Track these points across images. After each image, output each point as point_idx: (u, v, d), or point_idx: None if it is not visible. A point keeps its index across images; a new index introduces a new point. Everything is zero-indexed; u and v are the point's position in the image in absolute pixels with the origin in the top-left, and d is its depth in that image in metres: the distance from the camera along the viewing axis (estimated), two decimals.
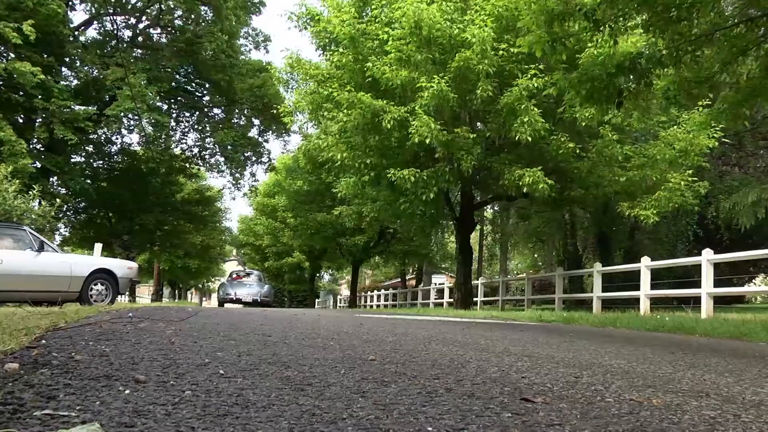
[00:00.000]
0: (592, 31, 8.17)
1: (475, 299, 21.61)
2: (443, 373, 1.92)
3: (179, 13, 29.28)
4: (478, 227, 28.39)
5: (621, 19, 7.78)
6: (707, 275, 11.11)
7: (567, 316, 10.64)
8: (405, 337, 3.13)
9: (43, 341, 2.18)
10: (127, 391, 1.41)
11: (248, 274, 28.09)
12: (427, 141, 13.34)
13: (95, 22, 30.01)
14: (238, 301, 24.16)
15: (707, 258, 11.23)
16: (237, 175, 34.35)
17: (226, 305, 22.84)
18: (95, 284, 12.07)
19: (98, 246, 16.08)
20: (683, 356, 2.91)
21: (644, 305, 12.81)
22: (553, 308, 16.98)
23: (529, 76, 13.03)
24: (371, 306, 35.71)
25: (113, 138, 32.28)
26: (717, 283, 11.86)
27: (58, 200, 21.23)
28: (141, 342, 2.22)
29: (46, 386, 1.42)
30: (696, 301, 12.37)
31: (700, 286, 11.35)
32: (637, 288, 13.33)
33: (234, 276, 27.87)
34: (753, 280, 25.28)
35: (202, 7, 29.25)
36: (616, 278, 18.77)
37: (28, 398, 1.33)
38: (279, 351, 2.22)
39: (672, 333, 6.18)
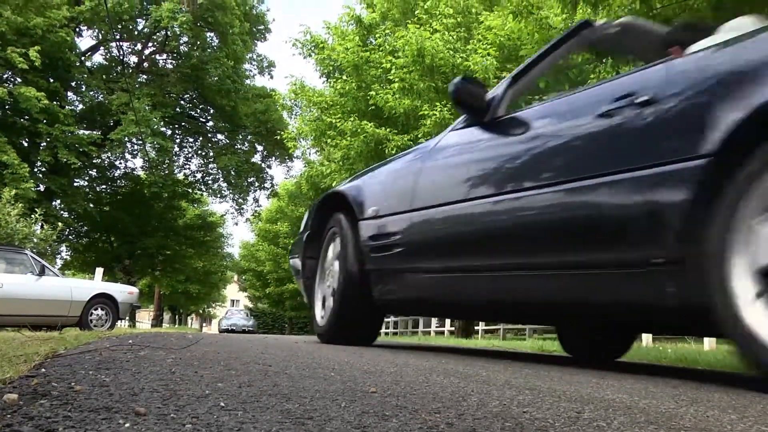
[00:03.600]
0: (595, 63, 8.24)
1: (476, 327, 21.50)
2: (444, 407, 1.90)
3: (185, 39, 29.54)
4: None
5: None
6: None
7: None
8: (406, 368, 3.11)
9: (43, 369, 2.17)
10: (127, 425, 1.40)
11: (239, 311, 45.26)
12: None
13: (102, 47, 30.31)
14: (232, 330, 35.33)
15: None
16: (240, 200, 34.46)
17: (224, 334, 28.45)
18: (95, 309, 12.05)
19: (99, 270, 16.08)
20: (686, 390, 2.87)
21: (646, 336, 12.74)
22: (555, 338, 16.89)
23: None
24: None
25: (117, 162, 32.44)
26: None
27: (60, 224, 21.28)
28: (141, 371, 2.21)
29: (45, 418, 1.40)
30: None
31: None
32: None
33: (229, 313, 44.13)
34: None
35: (208, 33, 29.52)
36: None
37: (27, 431, 1.32)
38: (280, 382, 2.20)
39: (674, 365, 6.15)
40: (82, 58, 28.85)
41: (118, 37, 29.09)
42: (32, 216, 17.60)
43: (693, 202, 2.47)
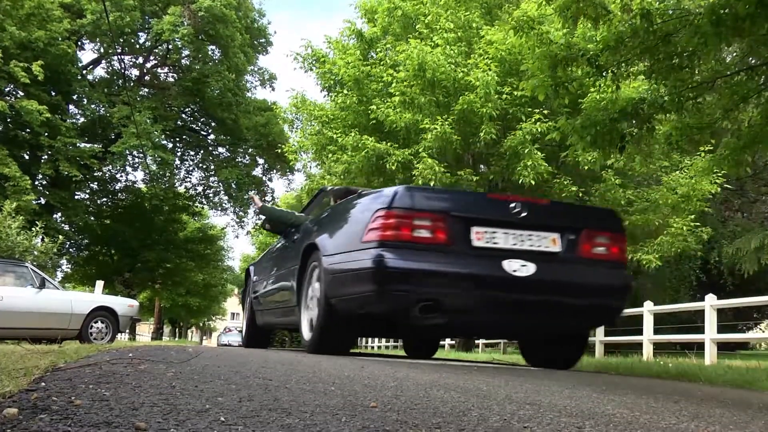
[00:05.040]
0: (595, 77, 8.25)
1: (476, 342, 21.42)
2: (444, 422, 1.90)
3: (186, 52, 29.61)
4: None
5: (623, 65, 7.86)
6: (711, 321, 11.03)
7: None
8: (406, 382, 3.10)
9: (42, 383, 2.16)
10: None
11: (236, 329, 47.80)
12: (431, 184, 13.38)
13: (103, 61, 30.40)
14: (229, 345, 37.73)
15: (710, 303, 11.17)
16: (240, 213, 34.40)
17: (223, 347, 29.42)
18: (95, 322, 12.01)
19: (100, 283, 16.05)
20: (687, 405, 2.86)
21: (647, 350, 12.72)
22: None
23: (534, 120, 13.10)
24: (372, 347, 35.41)
25: (118, 175, 32.45)
26: (721, 329, 11.77)
27: (60, 237, 21.26)
28: (141, 386, 2.20)
29: None
30: (699, 346, 12.27)
31: (703, 332, 11.27)
32: (640, 333, 13.24)
33: (226, 330, 48.63)
34: (757, 326, 25.09)
35: (210, 47, 29.58)
36: (619, 322, 18.62)
37: None
38: (280, 396, 2.19)
39: (675, 380, 6.11)
40: (84, 71, 28.92)
41: (119, 50, 29.18)
42: (33, 229, 17.60)
43: (299, 279, 5.90)
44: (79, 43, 28.55)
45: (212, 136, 33.79)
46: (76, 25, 25.66)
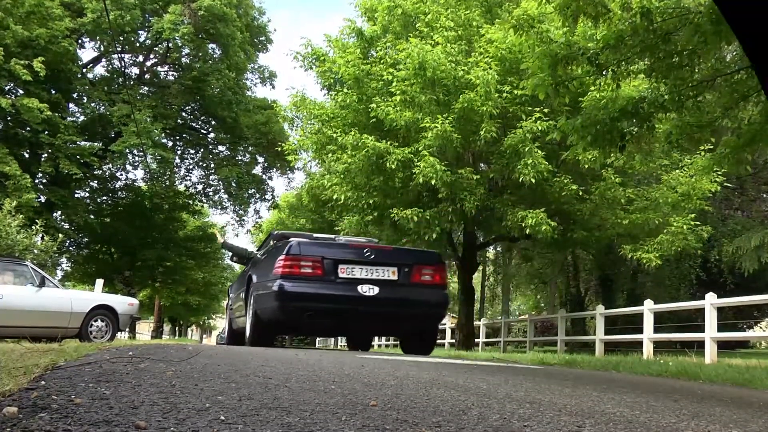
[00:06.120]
0: (595, 75, 8.25)
1: (477, 340, 21.44)
2: (444, 421, 1.89)
3: (186, 51, 29.56)
4: (480, 268, 28.26)
5: (624, 63, 7.85)
6: (711, 319, 11.03)
7: (569, 359, 10.54)
8: (406, 380, 3.09)
9: (42, 382, 2.16)
10: None
11: None
12: (432, 182, 13.36)
13: (103, 59, 30.34)
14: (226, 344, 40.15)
15: (711, 302, 11.16)
16: (240, 212, 34.35)
17: (223, 345, 29.55)
18: (95, 320, 12.01)
19: (99, 282, 16.04)
20: (687, 404, 2.86)
21: (647, 349, 12.71)
22: (556, 350, 16.84)
23: (534, 119, 13.08)
24: (372, 345, 35.44)
25: (118, 174, 32.39)
26: (721, 328, 11.76)
27: (60, 235, 21.24)
28: (141, 384, 2.20)
29: None
30: (699, 345, 12.26)
31: (703, 331, 11.27)
32: (640, 331, 13.24)
33: (223, 330, 48.31)
34: (757, 325, 25.07)
35: (210, 45, 29.53)
36: (619, 321, 18.63)
37: None
38: (280, 395, 2.19)
39: (675, 378, 6.11)
40: (84, 69, 28.88)
41: (119, 48, 29.11)
42: (33, 227, 17.60)
43: (246, 297, 9.10)
44: (80, 41, 28.49)
45: (212, 135, 33.70)
46: (76, 23, 25.62)
